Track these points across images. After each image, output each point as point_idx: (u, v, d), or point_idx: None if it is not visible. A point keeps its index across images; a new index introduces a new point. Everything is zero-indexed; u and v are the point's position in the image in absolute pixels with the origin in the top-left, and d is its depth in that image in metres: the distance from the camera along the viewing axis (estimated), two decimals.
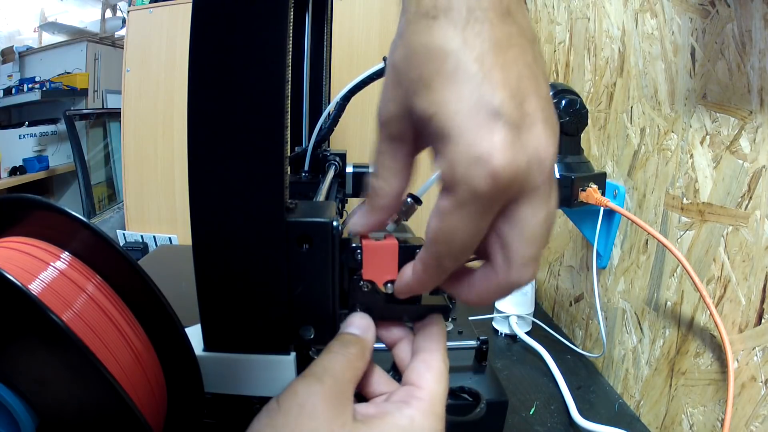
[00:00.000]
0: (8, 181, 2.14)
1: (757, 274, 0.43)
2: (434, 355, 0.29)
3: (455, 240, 0.24)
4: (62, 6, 2.79)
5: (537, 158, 0.23)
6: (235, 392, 0.34)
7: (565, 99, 0.58)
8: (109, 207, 2.18)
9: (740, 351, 0.44)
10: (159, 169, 1.20)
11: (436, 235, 0.24)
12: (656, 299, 0.57)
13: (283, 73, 0.28)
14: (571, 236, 0.80)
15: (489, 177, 0.21)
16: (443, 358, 0.29)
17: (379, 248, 0.30)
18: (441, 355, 0.30)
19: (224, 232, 0.30)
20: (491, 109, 0.22)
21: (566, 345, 0.74)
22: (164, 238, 1.23)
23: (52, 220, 0.28)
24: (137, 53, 1.17)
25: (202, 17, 0.27)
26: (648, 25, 0.59)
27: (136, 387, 0.28)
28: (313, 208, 0.32)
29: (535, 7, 0.97)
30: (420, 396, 0.27)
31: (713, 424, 0.47)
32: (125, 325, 0.28)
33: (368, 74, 0.53)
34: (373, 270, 0.30)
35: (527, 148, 0.22)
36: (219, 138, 0.29)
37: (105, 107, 2.51)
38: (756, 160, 0.43)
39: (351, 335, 0.30)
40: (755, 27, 0.43)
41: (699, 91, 0.50)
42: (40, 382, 0.24)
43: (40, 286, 0.26)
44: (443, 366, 0.29)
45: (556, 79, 0.86)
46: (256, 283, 0.32)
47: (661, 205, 0.57)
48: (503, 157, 0.21)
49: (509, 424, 0.55)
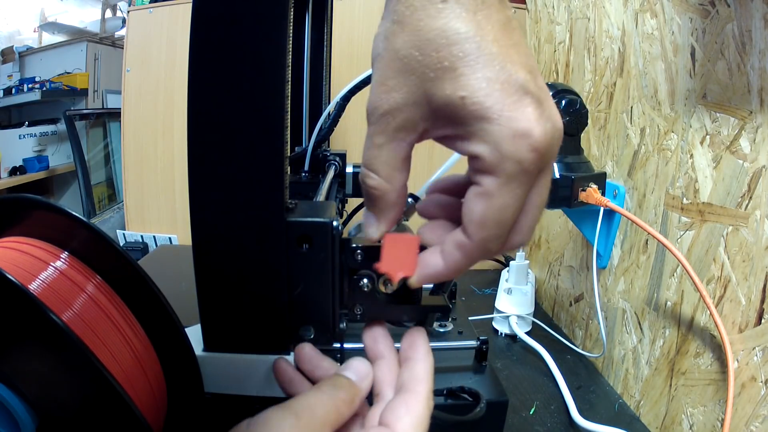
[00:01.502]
0: (8, 181, 2.14)
1: (757, 274, 0.43)
2: (417, 398, 0.27)
3: (506, 218, 0.24)
4: (62, 6, 2.79)
5: (558, 127, 0.24)
6: (235, 392, 0.34)
7: (565, 99, 0.58)
8: (109, 207, 2.18)
9: (740, 351, 0.44)
10: (159, 169, 1.20)
11: (484, 219, 0.24)
12: (656, 299, 0.57)
13: (283, 73, 0.28)
14: (571, 236, 0.80)
15: (533, 149, 0.23)
16: (426, 402, 0.27)
17: (400, 240, 0.28)
18: (424, 398, 0.28)
19: (224, 232, 0.30)
20: (519, 86, 0.23)
21: (566, 345, 0.74)
22: (164, 238, 1.23)
23: (52, 220, 0.28)
24: (137, 53, 1.17)
25: (202, 17, 0.27)
26: (648, 25, 0.59)
27: (136, 387, 0.28)
28: (313, 208, 0.32)
29: (535, 7, 0.97)
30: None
31: (713, 424, 0.47)
32: (125, 325, 0.28)
33: (368, 74, 0.53)
34: (391, 263, 0.28)
35: (551, 119, 0.24)
36: (219, 138, 0.29)
37: (105, 107, 2.51)
38: (756, 160, 0.43)
39: (346, 380, 0.28)
40: (755, 27, 0.43)
41: (699, 91, 0.50)
42: (40, 382, 0.24)
43: (40, 286, 0.26)
44: (424, 412, 0.27)
45: (556, 79, 0.86)
46: (255, 283, 0.32)
47: (661, 205, 0.57)
48: (541, 129, 0.23)
49: (509, 424, 0.55)
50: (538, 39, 0.96)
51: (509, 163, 0.23)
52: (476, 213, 0.24)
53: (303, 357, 0.32)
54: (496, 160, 0.23)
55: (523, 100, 0.23)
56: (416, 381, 0.28)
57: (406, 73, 0.24)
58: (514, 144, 0.23)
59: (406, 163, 0.27)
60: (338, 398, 0.27)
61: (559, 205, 0.60)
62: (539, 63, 0.94)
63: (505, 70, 0.23)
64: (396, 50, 0.24)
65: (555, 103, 0.25)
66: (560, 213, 0.83)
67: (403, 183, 0.27)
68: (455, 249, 0.26)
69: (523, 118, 0.23)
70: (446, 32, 0.23)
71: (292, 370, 0.32)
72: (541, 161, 0.23)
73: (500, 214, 0.24)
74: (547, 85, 0.60)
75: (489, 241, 0.25)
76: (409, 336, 0.31)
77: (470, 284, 0.94)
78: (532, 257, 0.97)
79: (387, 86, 0.25)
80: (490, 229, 0.24)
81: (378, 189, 0.27)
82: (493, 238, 0.25)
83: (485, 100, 0.23)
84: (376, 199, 0.27)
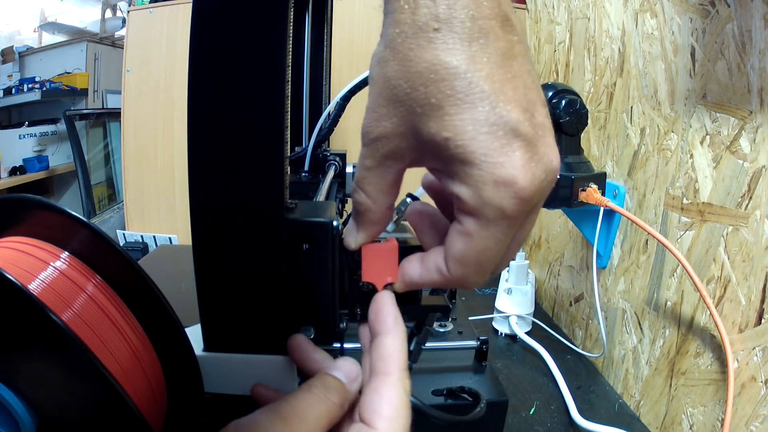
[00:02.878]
0: (8, 181, 2.14)
1: (757, 274, 0.43)
2: (388, 380, 0.25)
3: (486, 260, 0.24)
4: (62, 6, 2.79)
5: (551, 169, 0.23)
6: (235, 392, 0.34)
7: (565, 99, 0.58)
8: (109, 207, 2.18)
9: (740, 351, 0.44)
10: (159, 169, 1.20)
11: (464, 258, 0.24)
12: (656, 299, 0.57)
13: (283, 73, 0.28)
14: (571, 236, 0.80)
15: (516, 197, 0.22)
16: (401, 384, 0.25)
17: (378, 250, 0.29)
18: (397, 380, 0.25)
19: (224, 232, 0.30)
20: (509, 129, 0.22)
21: (566, 345, 0.74)
22: (164, 238, 1.23)
23: (52, 219, 0.28)
24: (137, 53, 1.17)
25: (202, 17, 0.27)
26: (648, 25, 0.59)
27: (136, 387, 0.28)
28: (313, 208, 0.32)
29: (535, 7, 0.97)
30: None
31: (713, 424, 0.47)
32: (125, 324, 0.28)
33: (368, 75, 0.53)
34: (372, 272, 0.29)
35: (543, 161, 0.22)
36: (219, 138, 0.29)
37: (105, 107, 2.51)
38: (756, 160, 0.43)
39: (336, 381, 0.27)
40: (755, 27, 0.43)
41: (699, 91, 0.50)
42: (40, 382, 0.24)
43: (39, 285, 0.25)
44: (401, 393, 0.25)
45: (556, 79, 0.86)
46: (255, 283, 0.32)
47: (661, 205, 0.57)
48: (527, 176, 0.22)
49: (509, 424, 0.55)
50: (538, 39, 0.96)
51: (490, 210, 0.22)
52: (456, 250, 0.24)
53: (295, 347, 0.32)
54: (477, 205, 0.22)
55: (512, 143, 0.22)
56: (385, 361, 0.26)
57: (396, 104, 0.23)
58: (496, 191, 0.22)
59: (393, 188, 0.26)
60: (330, 401, 0.25)
61: (559, 205, 0.60)
62: (539, 63, 0.94)
63: (495, 111, 0.21)
64: (387, 78, 0.23)
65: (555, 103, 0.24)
66: (560, 213, 0.83)
67: (387, 205, 0.27)
68: (435, 272, 0.26)
69: (508, 165, 0.21)
70: (435, 66, 0.21)
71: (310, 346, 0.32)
72: (525, 207, 0.22)
73: (480, 256, 0.24)
74: (547, 85, 0.60)
75: (467, 278, 0.25)
76: (373, 305, 0.28)
77: None
78: (532, 257, 0.97)
79: (378, 114, 0.24)
80: (469, 268, 0.24)
81: (363, 206, 0.27)
82: (471, 275, 0.24)
83: (469, 144, 0.21)
84: (360, 214, 0.27)
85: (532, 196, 0.22)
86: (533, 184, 0.22)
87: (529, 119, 0.22)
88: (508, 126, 0.21)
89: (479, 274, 0.25)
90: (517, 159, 0.22)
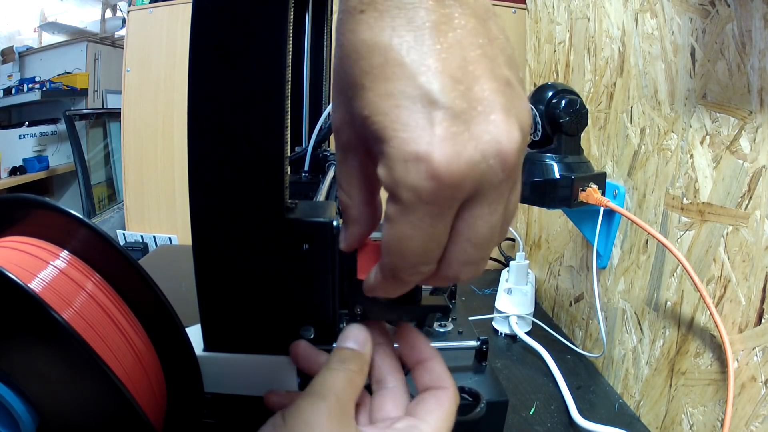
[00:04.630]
0: (8, 181, 2.14)
1: (757, 274, 0.43)
2: (447, 393, 0.28)
3: (407, 250, 0.21)
4: (62, 6, 2.79)
5: (496, 150, 0.20)
6: (235, 392, 0.34)
7: (565, 99, 0.58)
8: (109, 207, 2.18)
9: (740, 351, 0.44)
10: (159, 169, 1.20)
11: (385, 245, 0.22)
12: (656, 299, 0.57)
13: (283, 73, 0.28)
14: (571, 236, 0.80)
15: (430, 177, 0.19)
16: (455, 398, 0.29)
17: (372, 249, 0.29)
18: (454, 393, 0.29)
19: (224, 232, 0.30)
20: (428, 101, 0.19)
21: (566, 345, 0.74)
22: (164, 238, 1.23)
23: (52, 219, 0.28)
24: (137, 53, 1.17)
25: (202, 17, 0.27)
26: (648, 25, 0.59)
27: (137, 386, 0.28)
28: (313, 208, 0.32)
29: (535, 7, 0.97)
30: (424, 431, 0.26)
31: (713, 424, 0.47)
32: (126, 324, 0.28)
33: None
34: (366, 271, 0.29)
35: (481, 140, 0.19)
36: (219, 138, 0.29)
37: (105, 107, 2.51)
38: (756, 160, 0.43)
39: (349, 350, 0.29)
40: (755, 27, 0.43)
41: (699, 91, 0.50)
42: (40, 380, 0.24)
43: (40, 284, 0.26)
44: (454, 407, 0.28)
45: (556, 79, 0.86)
46: (255, 283, 0.32)
47: (661, 205, 0.57)
48: (446, 153, 0.19)
49: (509, 424, 0.55)
50: (538, 39, 0.96)
51: (403, 191, 0.20)
52: (383, 236, 0.22)
53: (299, 354, 0.32)
54: (390, 186, 0.20)
55: (432, 116, 0.19)
56: (441, 378, 0.29)
57: (340, 93, 0.22)
58: (405, 169, 0.19)
59: (363, 182, 0.24)
60: (350, 371, 0.27)
61: (559, 205, 0.60)
62: (539, 63, 0.94)
63: (414, 82, 0.19)
64: (335, 69, 0.22)
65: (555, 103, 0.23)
66: (560, 213, 0.83)
67: (362, 200, 0.25)
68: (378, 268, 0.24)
69: (420, 140, 0.19)
70: (357, 45, 0.20)
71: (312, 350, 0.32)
72: (449, 191, 0.19)
73: (400, 244, 0.21)
74: (547, 85, 0.60)
75: (396, 269, 0.22)
76: (404, 339, 0.30)
77: (470, 284, 0.94)
78: (532, 257, 0.97)
79: (334, 106, 0.24)
80: (393, 257, 0.22)
81: (343, 203, 0.26)
82: (399, 267, 0.22)
83: (383, 119, 0.20)
84: (343, 213, 0.26)
85: (458, 177, 0.19)
86: (458, 165, 0.19)
87: (462, 93, 0.19)
88: (428, 98, 0.19)
89: (405, 269, 0.22)
90: (438, 133, 0.19)
